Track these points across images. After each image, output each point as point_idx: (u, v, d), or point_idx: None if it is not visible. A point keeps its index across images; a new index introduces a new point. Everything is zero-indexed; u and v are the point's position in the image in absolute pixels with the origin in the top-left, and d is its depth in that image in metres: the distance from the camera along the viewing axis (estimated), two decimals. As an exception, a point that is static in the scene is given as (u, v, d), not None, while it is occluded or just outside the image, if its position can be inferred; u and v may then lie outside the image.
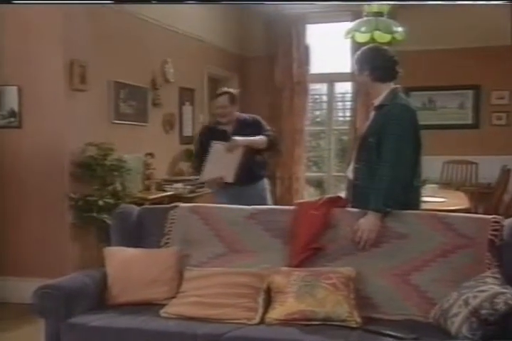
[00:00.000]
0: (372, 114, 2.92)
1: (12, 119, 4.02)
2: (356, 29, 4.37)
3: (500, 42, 6.32)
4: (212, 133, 3.98)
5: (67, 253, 4.05)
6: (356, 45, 4.99)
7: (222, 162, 3.77)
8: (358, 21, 4.45)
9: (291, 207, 2.91)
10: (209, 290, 2.53)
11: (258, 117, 4.14)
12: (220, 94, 4.02)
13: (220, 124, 4.00)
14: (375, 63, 2.83)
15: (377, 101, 2.85)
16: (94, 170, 4.09)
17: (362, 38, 4.33)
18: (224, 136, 3.87)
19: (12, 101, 3.99)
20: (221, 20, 6.49)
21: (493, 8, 5.77)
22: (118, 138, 4.36)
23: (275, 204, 4.25)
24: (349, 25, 4.62)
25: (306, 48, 6.95)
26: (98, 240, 4.08)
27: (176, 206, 3.06)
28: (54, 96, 3.99)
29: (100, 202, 3.96)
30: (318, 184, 7.72)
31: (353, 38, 4.49)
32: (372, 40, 4.20)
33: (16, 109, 3.99)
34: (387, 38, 4.28)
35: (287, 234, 2.76)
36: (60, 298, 2.46)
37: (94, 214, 3.99)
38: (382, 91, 2.83)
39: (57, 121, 4.01)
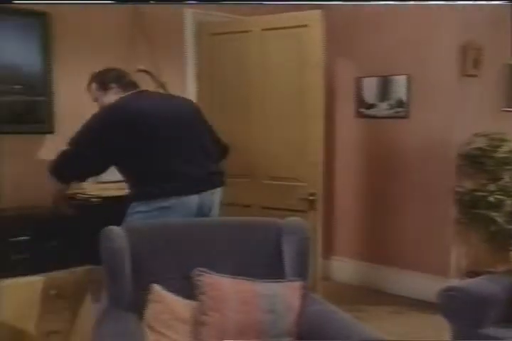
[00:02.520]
0: None
1: (399, 109, 3.96)
2: None
3: None
4: None
5: (450, 250, 3.82)
6: None
7: None
8: None
9: None
10: None
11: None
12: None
13: None
14: None
15: None
16: (483, 163, 3.75)
17: None
18: None
19: (400, 90, 3.93)
20: None
21: None
22: (509, 128, 3.90)
23: None
24: None
25: None
26: (481, 239, 3.74)
27: None
28: (444, 84, 3.77)
29: (491, 198, 3.59)
30: None
31: None
32: None
33: (403, 98, 3.92)
34: None
35: None
36: (469, 304, 2.23)
37: (482, 211, 3.65)
38: None
39: (445, 110, 3.79)
